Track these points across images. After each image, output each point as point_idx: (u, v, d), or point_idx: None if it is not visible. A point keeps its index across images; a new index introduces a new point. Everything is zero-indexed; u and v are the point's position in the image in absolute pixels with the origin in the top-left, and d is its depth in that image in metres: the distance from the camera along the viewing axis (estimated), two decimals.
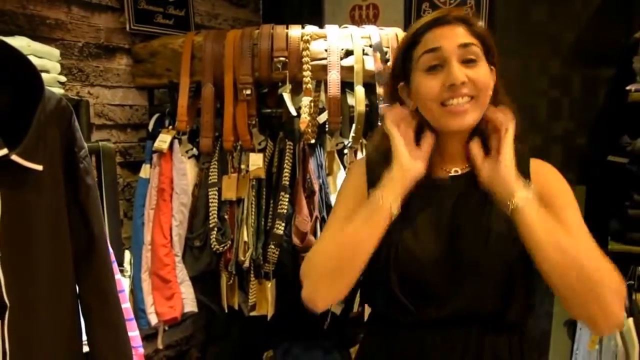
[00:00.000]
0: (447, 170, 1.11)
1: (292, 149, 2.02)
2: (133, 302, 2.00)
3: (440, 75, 1.02)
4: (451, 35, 1.03)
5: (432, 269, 1.05)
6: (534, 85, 2.41)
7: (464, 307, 1.05)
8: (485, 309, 1.05)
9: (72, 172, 1.24)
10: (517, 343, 1.09)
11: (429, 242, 1.06)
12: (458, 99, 1.01)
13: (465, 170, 1.11)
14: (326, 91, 1.94)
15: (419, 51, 1.05)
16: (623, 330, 1.83)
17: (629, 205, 1.94)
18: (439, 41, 1.03)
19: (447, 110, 1.02)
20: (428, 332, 1.07)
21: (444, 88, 1.01)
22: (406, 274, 1.06)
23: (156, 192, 2.02)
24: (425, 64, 1.03)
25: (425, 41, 1.05)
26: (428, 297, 1.07)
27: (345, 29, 2.01)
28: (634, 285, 1.96)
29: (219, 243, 1.99)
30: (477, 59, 1.03)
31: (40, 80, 1.13)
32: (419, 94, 1.05)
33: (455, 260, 1.05)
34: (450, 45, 1.02)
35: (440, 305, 1.06)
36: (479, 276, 1.04)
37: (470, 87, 1.01)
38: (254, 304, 2.06)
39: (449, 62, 1.01)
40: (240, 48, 1.98)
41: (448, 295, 1.05)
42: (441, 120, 1.04)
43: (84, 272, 1.28)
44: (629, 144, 1.97)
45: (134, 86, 2.22)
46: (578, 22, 2.31)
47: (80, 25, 2.02)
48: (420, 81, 1.04)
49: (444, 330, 1.07)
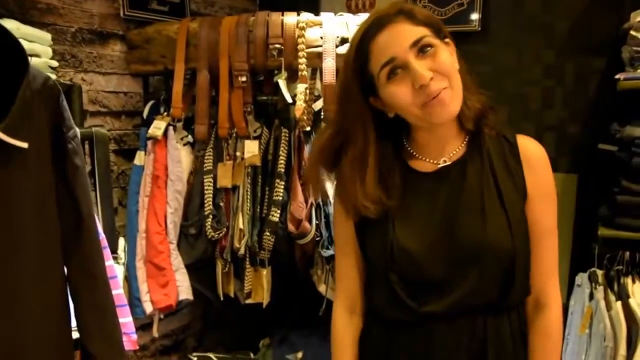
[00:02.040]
0: (435, 162, 1.10)
1: (287, 136, 2.02)
2: (128, 290, 2.00)
3: (406, 78, 1.00)
4: (397, 36, 0.99)
5: (431, 264, 1.05)
6: (527, 75, 2.43)
7: (466, 297, 1.04)
8: (487, 296, 1.05)
9: (60, 151, 1.22)
10: (516, 321, 1.11)
11: (425, 237, 1.06)
12: (433, 95, 0.99)
13: (453, 159, 1.10)
14: (322, 79, 1.94)
15: (374, 67, 1.02)
16: (612, 313, 1.87)
17: (617, 192, 1.97)
18: (390, 49, 0.99)
19: (429, 108, 1.00)
20: (432, 326, 1.07)
21: (416, 91, 0.99)
22: (406, 273, 1.06)
23: (151, 179, 2.02)
24: (385, 75, 1.01)
25: (375, 53, 1.01)
26: (430, 292, 1.06)
27: (341, 16, 2.01)
28: (622, 269, 2.00)
29: (214, 230, 1.99)
30: (432, 45, 1.00)
31: (25, 57, 1.12)
32: (395, 104, 1.03)
33: (453, 251, 1.04)
34: (401, 49, 0.99)
35: (443, 298, 1.05)
36: (479, 264, 1.04)
37: (438, 78, 0.99)
38: (249, 291, 2.07)
39: (409, 65, 0.99)
40: (235, 35, 1.97)
41: (450, 288, 1.05)
42: (427, 118, 1.02)
43: (72, 253, 1.27)
44: (618, 132, 1.99)
45: (129, 73, 2.20)
46: (571, 13, 2.33)
47: (72, 10, 2.00)
48: (390, 92, 1.02)
49: (448, 323, 1.06)
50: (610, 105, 2.20)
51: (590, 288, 2.02)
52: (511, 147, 1.10)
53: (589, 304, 2.00)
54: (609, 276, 2.01)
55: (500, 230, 1.04)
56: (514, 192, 1.07)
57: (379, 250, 1.07)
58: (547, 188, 1.10)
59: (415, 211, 1.08)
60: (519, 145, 1.10)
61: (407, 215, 1.07)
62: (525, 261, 1.07)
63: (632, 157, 1.93)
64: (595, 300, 1.96)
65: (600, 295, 1.95)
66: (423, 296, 1.06)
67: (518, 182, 1.08)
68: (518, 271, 1.05)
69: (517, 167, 1.08)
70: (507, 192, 1.06)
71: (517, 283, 1.06)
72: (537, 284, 1.11)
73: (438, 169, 1.10)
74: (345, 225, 1.14)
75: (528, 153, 1.09)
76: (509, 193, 1.07)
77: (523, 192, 1.08)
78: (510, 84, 2.44)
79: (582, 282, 2.10)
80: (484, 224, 1.04)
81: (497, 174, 1.07)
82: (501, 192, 1.06)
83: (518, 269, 1.05)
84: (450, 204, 1.07)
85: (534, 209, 1.08)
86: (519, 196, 1.08)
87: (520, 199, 1.08)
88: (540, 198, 1.08)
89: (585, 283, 2.07)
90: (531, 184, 1.08)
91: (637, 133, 1.92)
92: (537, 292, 1.12)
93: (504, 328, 1.08)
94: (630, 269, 1.99)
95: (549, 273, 1.12)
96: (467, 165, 1.09)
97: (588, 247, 2.13)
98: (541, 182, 1.09)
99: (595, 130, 2.25)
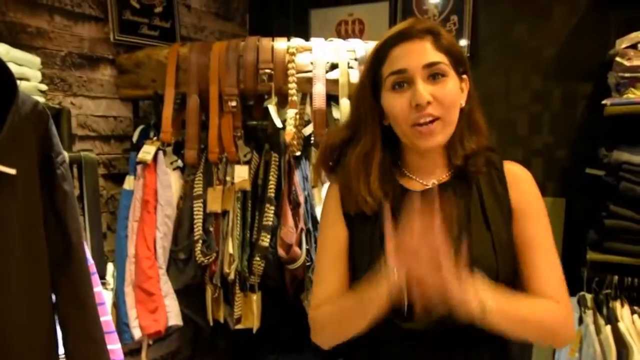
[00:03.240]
0: (424, 183, 1.12)
1: (277, 161, 2.03)
2: (116, 315, 1.97)
3: (407, 93, 1.03)
4: (417, 52, 1.03)
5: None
6: (515, 100, 2.47)
7: (449, 317, 1.02)
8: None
9: (49, 178, 1.21)
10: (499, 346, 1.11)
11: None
12: (425, 118, 1.02)
13: (442, 182, 1.12)
14: (311, 104, 1.95)
15: (385, 71, 1.06)
16: (601, 337, 1.87)
17: (605, 216, 1.99)
18: (405, 61, 1.03)
19: (416, 131, 1.03)
20: (416, 344, 1.08)
21: (411, 108, 1.02)
22: None
23: (140, 204, 2.00)
24: (391, 83, 1.05)
25: (391, 59, 1.05)
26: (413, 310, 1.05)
27: (331, 42, 2.03)
28: (610, 293, 2.00)
29: (203, 255, 1.98)
30: (444, 75, 1.03)
31: (14, 82, 1.11)
32: (390, 113, 1.07)
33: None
34: (415, 65, 1.02)
35: (427, 316, 1.04)
36: None
37: (436, 106, 1.02)
38: (239, 317, 2.05)
39: (414, 82, 1.02)
40: (225, 60, 1.98)
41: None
42: (412, 140, 1.06)
43: (61, 281, 1.25)
44: (606, 156, 2.02)
45: (118, 97, 2.21)
46: (557, 39, 2.37)
47: (62, 34, 2.01)
48: (390, 100, 1.06)
49: (429, 341, 1.07)
50: (597, 130, 2.22)
51: (579, 312, 2.03)
52: (498, 173, 1.12)
53: (579, 328, 2.00)
54: (597, 300, 2.01)
55: (485, 251, 1.05)
56: (500, 215, 1.09)
57: (366, 264, 1.07)
58: (533, 204, 1.11)
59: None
60: (505, 169, 1.13)
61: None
62: (508, 282, 1.07)
63: (620, 181, 1.95)
64: (585, 324, 1.97)
65: (589, 319, 1.95)
66: (407, 312, 1.05)
67: (504, 205, 1.10)
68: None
69: (504, 191, 1.11)
70: (493, 215, 1.08)
71: None
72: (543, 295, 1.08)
73: (427, 189, 1.12)
74: (341, 227, 1.14)
75: (513, 174, 1.12)
76: (495, 216, 1.08)
77: (509, 213, 1.09)
78: (498, 109, 2.47)
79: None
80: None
81: (484, 198, 1.09)
82: (487, 215, 1.08)
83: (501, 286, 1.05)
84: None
85: (525, 225, 1.09)
86: (504, 220, 1.09)
87: (507, 222, 1.09)
88: (526, 213, 1.09)
89: (574, 307, 2.07)
90: (515, 200, 1.09)
91: (624, 158, 1.95)
92: None
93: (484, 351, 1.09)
94: (618, 293, 2.00)
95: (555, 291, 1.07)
96: (455, 188, 1.11)
97: (577, 271, 2.14)
98: (526, 199, 1.10)
99: (582, 154, 2.28)
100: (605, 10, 2.27)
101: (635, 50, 1.94)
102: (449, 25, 2.54)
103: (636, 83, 1.95)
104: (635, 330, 1.86)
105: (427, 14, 2.60)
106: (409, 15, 2.62)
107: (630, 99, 1.92)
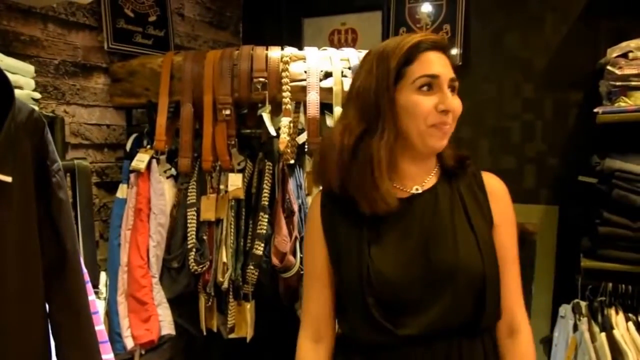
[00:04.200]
0: (407, 190, 1.16)
1: (271, 170, 2.02)
2: (108, 325, 1.95)
3: (433, 96, 1.09)
4: (445, 64, 1.11)
5: (407, 286, 1.08)
6: (507, 109, 2.48)
7: (442, 319, 1.07)
8: (461, 317, 1.09)
9: (44, 185, 1.21)
10: (490, 344, 1.15)
11: (400, 260, 1.09)
12: (445, 124, 1.10)
13: (425, 187, 1.16)
14: (305, 112, 1.95)
15: (415, 71, 1.09)
16: (596, 344, 1.87)
17: (599, 223, 1.99)
18: (437, 68, 1.09)
19: (435, 129, 1.09)
20: (409, 350, 1.09)
21: (434, 111, 1.08)
22: (382, 296, 1.08)
23: (133, 212, 1.99)
24: (420, 83, 1.09)
25: (422, 62, 1.09)
26: (406, 314, 1.08)
27: (325, 51, 2.04)
28: (605, 301, 2.01)
29: (197, 264, 1.96)
30: (455, 90, 1.13)
31: (11, 90, 1.11)
32: (412, 111, 1.09)
33: (428, 273, 1.08)
34: (446, 75, 1.10)
35: (419, 320, 1.08)
36: (452, 285, 1.07)
37: (452, 115, 1.11)
38: (232, 326, 2.04)
39: (443, 90, 1.09)
40: (219, 68, 1.98)
41: (425, 309, 1.07)
42: (426, 139, 1.10)
43: (55, 290, 1.24)
44: (598, 164, 2.03)
45: (112, 105, 2.20)
46: (548, 48, 2.39)
47: (56, 43, 2.01)
48: (415, 99, 1.09)
49: (425, 346, 1.09)
50: (590, 137, 2.24)
51: (574, 319, 2.02)
52: (477, 179, 1.19)
53: (574, 335, 2.00)
54: (592, 308, 2.01)
55: (471, 252, 1.09)
56: (482, 218, 1.14)
57: (355, 274, 1.10)
58: (510, 218, 1.19)
59: (390, 235, 1.12)
60: (484, 179, 1.20)
61: (381, 240, 1.11)
62: (495, 283, 1.12)
63: (612, 189, 1.95)
64: (580, 331, 1.96)
65: (584, 327, 1.95)
66: (399, 318, 1.09)
67: (485, 210, 1.16)
68: (489, 293, 1.09)
69: (484, 198, 1.17)
70: (475, 218, 1.13)
71: (489, 305, 1.10)
72: (508, 309, 1.16)
73: (411, 195, 1.15)
74: (319, 248, 1.18)
75: (491, 186, 1.19)
76: (477, 219, 1.14)
77: (490, 220, 1.16)
78: (491, 117, 2.48)
79: (565, 313, 2.10)
80: (456, 246, 1.09)
81: (465, 202, 1.15)
82: (470, 218, 1.13)
83: (489, 290, 1.09)
84: (423, 227, 1.12)
85: (501, 237, 1.16)
86: (486, 223, 1.15)
87: (488, 226, 1.15)
88: (506, 226, 1.17)
89: (569, 314, 2.07)
90: (497, 214, 1.16)
91: (617, 165, 1.95)
92: (509, 318, 1.17)
93: (477, 350, 1.12)
94: (613, 300, 2.00)
95: (517, 300, 1.19)
96: (438, 193, 1.15)
97: (571, 278, 2.14)
98: (505, 213, 1.18)
99: (575, 162, 2.29)
100: (596, 20, 2.30)
101: (626, 59, 1.95)
102: (441, 34, 2.56)
103: (627, 91, 1.96)
104: (630, 337, 1.86)
105: (419, 23, 2.62)
106: (402, 24, 2.64)
107: (622, 107, 1.94)
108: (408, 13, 2.64)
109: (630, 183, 1.93)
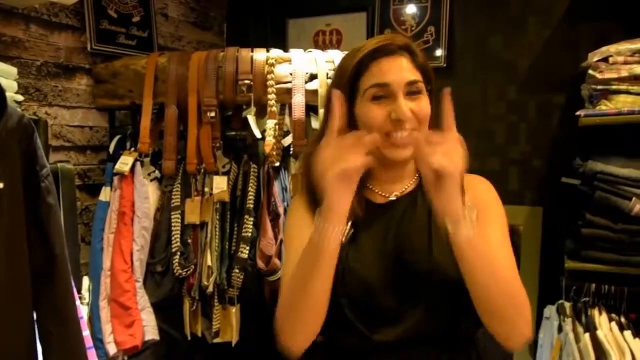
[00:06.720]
0: (386, 195, 1.15)
1: (256, 172, 2.01)
2: (91, 331, 1.92)
3: (386, 105, 1.05)
4: (398, 69, 1.06)
5: (382, 290, 1.06)
6: (491, 110, 2.50)
7: (417, 326, 1.06)
8: (437, 326, 1.07)
9: (33, 191, 1.21)
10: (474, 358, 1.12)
11: (376, 263, 1.08)
12: (402, 132, 1.04)
13: (404, 192, 1.15)
14: (291, 114, 1.95)
15: (365, 83, 1.07)
16: (581, 345, 1.88)
17: (582, 225, 2.01)
18: (388, 76, 1.05)
19: (390, 142, 1.06)
20: (385, 357, 1.08)
21: (389, 120, 1.05)
22: (357, 298, 1.07)
23: (117, 215, 1.97)
24: (371, 95, 1.06)
25: (372, 73, 1.07)
26: (382, 320, 1.07)
27: (310, 53, 2.03)
28: (589, 302, 2.03)
29: (182, 268, 1.95)
30: (420, 92, 1.07)
31: (4, 96, 1.10)
32: (365, 122, 1.07)
33: (403, 277, 1.06)
34: (398, 81, 1.05)
35: (395, 326, 1.06)
36: (427, 290, 1.06)
37: (413, 121, 1.05)
38: (218, 330, 2.02)
39: (397, 98, 1.05)
40: (205, 70, 1.97)
41: (402, 315, 1.06)
42: (384, 151, 1.07)
43: (43, 295, 1.23)
44: (581, 166, 2.05)
45: (95, 107, 2.18)
46: (532, 51, 2.41)
47: (38, 44, 1.98)
48: (368, 110, 1.07)
49: (401, 354, 1.07)
50: (573, 140, 2.26)
51: (559, 320, 2.04)
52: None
53: (558, 336, 2.01)
54: (576, 308, 2.03)
55: (447, 256, 1.03)
56: None
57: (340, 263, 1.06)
58: (486, 202, 1.12)
59: (367, 239, 1.11)
60: (465, 181, 1.11)
61: (359, 243, 1.10)
62: None
63: (595, 191, 1.98)
64: (564, 332, 1.98)
65: (569, 328, 1.97)
66: (375, 323, 1.07)
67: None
68: (466, 299, 1.03)
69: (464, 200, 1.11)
70: None
71: (467, 311, 1.03)
72: None
73: (390, 201, 1.14)
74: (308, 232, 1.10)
75: (469, 181, 1.12)
76: None
77: None
78: (475, 119, 2.50)
79: (550, 314, 2.12)
80: (431, 250, 1.07)
81: None
82: None
83: (466, 296, 1.03)
84: (400, 233, 1.10)
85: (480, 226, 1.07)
86: None
87: None
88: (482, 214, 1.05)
89: (554, 316, 2.08)
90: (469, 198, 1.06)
91: (599, 168, 1.98)
92: None
93: None
94: (596, 301, 2.02)
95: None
96: (417, 199, 1.14)
97: (555, 279, 2.16)
98: (479, 197, 1.09)
99: (559, 164, 2.31)
100: (578, 24, 2.32)
101: (607, 63, 1.98)
102: (426, 36, 2.57)
103: (608, 95, 1.99)
104: (613, 337, 1.87)
105: (404, 25, 2.63)
106: (387, 26, 2.64)
107: (603, 110, 1.96)
108: (393, 15, 2.65)
109: (611, 185, 1.95)
